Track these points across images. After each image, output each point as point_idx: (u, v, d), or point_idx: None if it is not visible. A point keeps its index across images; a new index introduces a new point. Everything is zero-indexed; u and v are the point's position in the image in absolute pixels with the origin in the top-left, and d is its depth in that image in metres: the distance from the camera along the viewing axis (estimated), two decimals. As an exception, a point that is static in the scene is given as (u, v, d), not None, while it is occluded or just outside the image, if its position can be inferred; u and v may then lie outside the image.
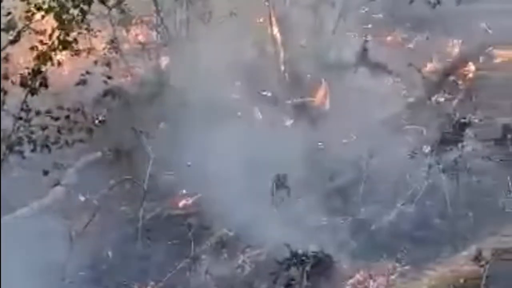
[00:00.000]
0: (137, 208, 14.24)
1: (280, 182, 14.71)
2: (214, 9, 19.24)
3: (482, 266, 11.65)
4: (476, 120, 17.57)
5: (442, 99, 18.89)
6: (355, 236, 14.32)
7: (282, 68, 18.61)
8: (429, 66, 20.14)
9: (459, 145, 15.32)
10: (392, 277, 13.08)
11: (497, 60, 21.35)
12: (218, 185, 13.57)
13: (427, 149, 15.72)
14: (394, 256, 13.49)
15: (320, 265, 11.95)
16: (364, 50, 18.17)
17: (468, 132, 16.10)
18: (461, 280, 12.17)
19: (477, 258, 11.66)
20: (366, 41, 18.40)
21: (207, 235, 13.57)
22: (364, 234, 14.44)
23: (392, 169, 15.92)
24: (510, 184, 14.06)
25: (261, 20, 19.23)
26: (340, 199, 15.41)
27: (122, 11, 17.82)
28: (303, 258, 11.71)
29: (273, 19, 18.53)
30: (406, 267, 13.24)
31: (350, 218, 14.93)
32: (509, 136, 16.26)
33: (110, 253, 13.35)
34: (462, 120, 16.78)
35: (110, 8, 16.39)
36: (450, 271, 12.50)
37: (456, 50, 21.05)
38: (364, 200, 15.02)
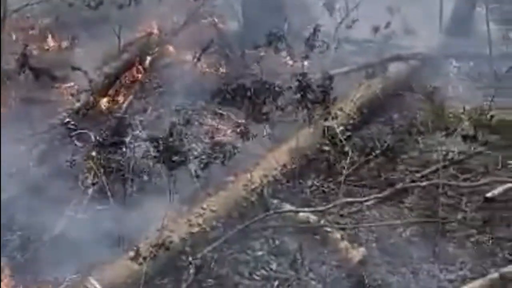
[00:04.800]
0: None
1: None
2: None
3: (140, 264, 11.67)
4: (144, 121, 17.87)
5: (107, 104, 18.62)
6: (22, 251, 13.69)
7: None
8: (99, 69, 19.69)
9: (124, 146, 15.39)
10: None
11: (168, 60, 21.56)
12: None
13: (93, 153, 15.52)
14: (63, 267, 13.20)
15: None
16: (24, 56, 17.32)
17: (134, 132, 16.24)
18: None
19: (135, 256, 11.60)
20: (26, 46, 17.60)
21: None
22: (32, 247, 13.84)
23: (61, 176, 15.47)
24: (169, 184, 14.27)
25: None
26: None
27: None
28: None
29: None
30: (74, 276, 13.03)
31: (17, 233, 14.21)
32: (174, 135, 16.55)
33: None
34: (127, 122, 16.93)
35: None
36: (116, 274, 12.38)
37: (125, 54, 20.85)
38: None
